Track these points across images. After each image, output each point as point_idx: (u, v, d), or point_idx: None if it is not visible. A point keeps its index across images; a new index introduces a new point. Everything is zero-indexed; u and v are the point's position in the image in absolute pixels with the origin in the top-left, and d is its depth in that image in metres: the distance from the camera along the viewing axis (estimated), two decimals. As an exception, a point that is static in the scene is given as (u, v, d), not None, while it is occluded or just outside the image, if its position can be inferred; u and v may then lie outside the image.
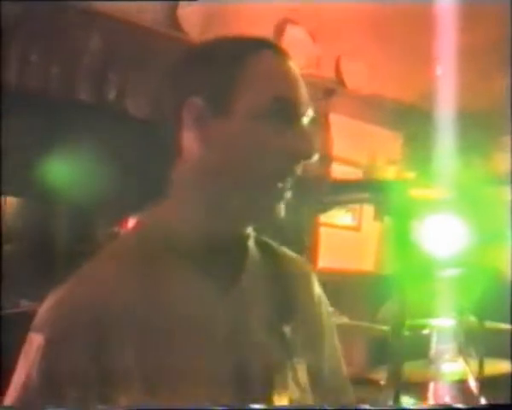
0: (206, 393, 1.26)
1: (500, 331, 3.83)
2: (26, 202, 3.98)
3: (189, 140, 1.33)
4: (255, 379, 1.32)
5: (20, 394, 1.23)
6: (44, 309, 1.27)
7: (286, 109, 1.32)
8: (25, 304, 3.56)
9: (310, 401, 1.40)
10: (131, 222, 1.43)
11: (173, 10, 4.54)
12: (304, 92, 1.37)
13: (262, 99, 1.30)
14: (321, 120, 5.08)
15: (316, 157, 1.34)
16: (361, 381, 4.13)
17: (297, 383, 1.38)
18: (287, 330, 1.40)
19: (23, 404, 1.22)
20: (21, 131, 3.68)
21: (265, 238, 1.51)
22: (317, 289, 1.56)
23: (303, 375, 1.40)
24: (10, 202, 3.84)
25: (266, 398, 1.32)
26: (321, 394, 1.43)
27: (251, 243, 1.44)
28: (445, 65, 5.17)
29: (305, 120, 1.36)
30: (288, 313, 1.42)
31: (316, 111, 1.40)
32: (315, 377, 1.43)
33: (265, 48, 1.36)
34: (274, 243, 1.53)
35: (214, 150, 1.32)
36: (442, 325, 3.66)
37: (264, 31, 4.89)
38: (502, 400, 4.20)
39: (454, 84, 4.88)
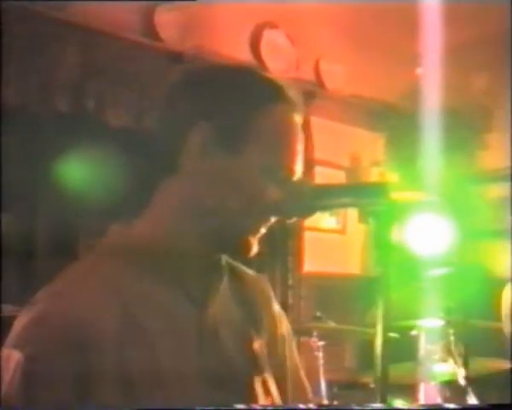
0: (181, 405, 1.27)
1: (488, 330, 3.82)
2: (7, 215, 3.94)
3: (187, 160, 1.36)
4: (229, 393, 1.35)
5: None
6: (21, 326, 1.25)
7: (283, 173, 1.38)
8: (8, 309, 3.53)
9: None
10: (109, 235, 1.43)
11: (150, 19, 4.51)
12: (301, 150, 1.42)
13: (265, 158, 1.36)
14: (302, 124, 5.05)
15: (293, 220, 1.41)
16: (351, 385, 4.13)
17: (268, 395, 1.44)
18: (256, 346, 1.46)
19: None
20: (1, 145, 3.65)
21: (229, 259, 1.54)
22: (277, 306, 1.64)
23: (273, 386, 1.46)
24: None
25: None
26: (285, 397, 1.51)
27: (224, 263, 1.48)
28: (425, 64, 5.18)
29: (296, 177, 1.41)
30: (256, 331, 1.49)
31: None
32: (279, 383, 1.50)
33: (279, 100, 1.40)
34: (236, 263, 1.58)
35: (212, 180, 1.36)
36: (430, 325, 3.65)
37: (243, 35, 4.88)
38: (492, 398, 4.19)
39: (434, 83, 4.88)
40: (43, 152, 3.90)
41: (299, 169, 1.42)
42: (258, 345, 1.45)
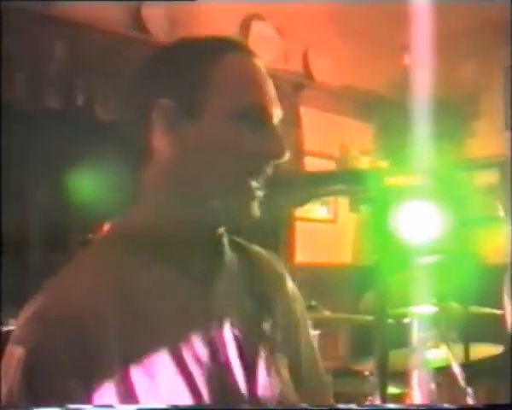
0: (188, 390, 1.27)
1: (481, 315, 3.84)
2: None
3: (160, 142, 1.34)
4: (237, 375, 1.34)
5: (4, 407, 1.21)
6: (22, 321, 1.25)
7: (256, 112, 1.34)
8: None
9: (291, 394, 1.42)
10: (105, 228, 1.42)
11: (138, 12, 4.51)
12: (272, 92, 1.39)
13: (233, 103, 1.32)
14: (292, 115, 5.06)
15: (286, 157, 1.36)
16: (346, 373, 4.14)
17: (279, 378, 1.40)
18: (266, 326, 1.42)
19: None
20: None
21: (235, 237, 1.52)
22: (291, 284, 1.60)
23: (284, 369, 1.43)
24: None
25: (249, 393, 1.34)
26: (300, 386, 1.46)
27: (225, 242, 1.45)
28: (413, 53, 5.19)
29: (275, 120, 1.38)
30: (266, 310, 1.45)
31: (286, 106, 1.41)
32: (294, 370, 1.45)
33: (234, 49, 1.38)
34: (245, 242, 1.55)
35: (185, 152, 1.33)
36: (423, 312, 3.66)
37: (231, 28, 4.88)
38: (485, 384, 4.22)
39: (423, 72, 4.89)
40: (33, 148, 3.89)
41: (275, 110, 1.38)
42: (267, 325, 1.42)
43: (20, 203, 3.92)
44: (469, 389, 3.59)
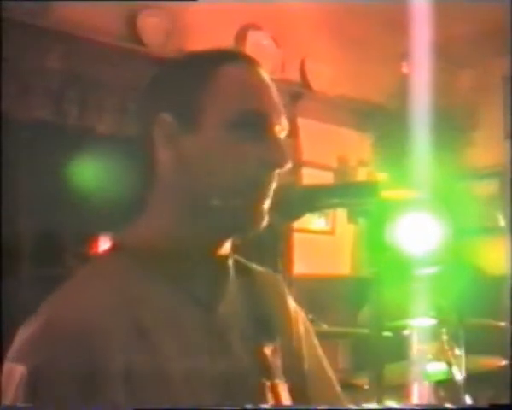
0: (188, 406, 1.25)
1: (481, 327, 3.82)
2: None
3: (163, 156, 1.34)
4: (236, 400, 1.31)
5: None
6: (23, 338, 1.22)
7: (255, 120, 1.33)
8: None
9: None
10: (103, 242, 1.41)
11: (133, 23, 4.49)
12: (275, 100, 1.37)
13: (230, 112, 1.31)
14: (289, 125, 5.03)
15: (289, 166, 1.34)
16: (345, 386, 4.11)
17: (278, 401, 1.38)
18: (267, 351, 1.41)
19: None
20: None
21: (240, 258, 1.51)
22: (293, 304, 1.59)
23: (285, 395, 1.41)
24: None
25: None
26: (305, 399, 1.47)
27: (230, 264, 1.44)
28: (411, 62, 5.19)
29: (278, 129, 1.37)
30: (267, 334, 1.44)
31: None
32: (298, 394, 1.44)
33: (232, 60, 1.37)
34: (248, 263, 1.55)
35: (188, 165, 1.33)
36: (422, 324, 3.64)
37: (227, 38, 4.87)
38: (487, 396, 4.19)
39: (421, 82, 4.88)
40: (28, 161, 3.87)
41: (278, 118, 1.37)
42: (269, 350, 1.41)
43: (12, 215, 3.89)
44: (470, 402, 3.57)
